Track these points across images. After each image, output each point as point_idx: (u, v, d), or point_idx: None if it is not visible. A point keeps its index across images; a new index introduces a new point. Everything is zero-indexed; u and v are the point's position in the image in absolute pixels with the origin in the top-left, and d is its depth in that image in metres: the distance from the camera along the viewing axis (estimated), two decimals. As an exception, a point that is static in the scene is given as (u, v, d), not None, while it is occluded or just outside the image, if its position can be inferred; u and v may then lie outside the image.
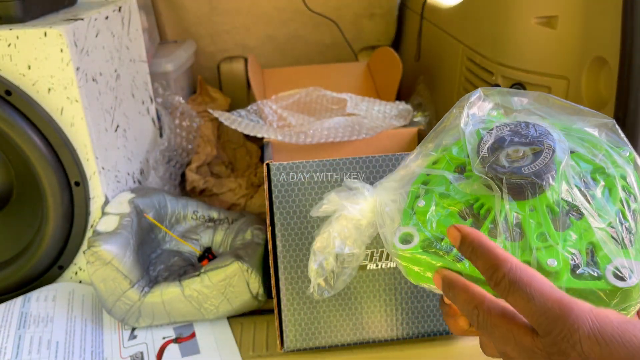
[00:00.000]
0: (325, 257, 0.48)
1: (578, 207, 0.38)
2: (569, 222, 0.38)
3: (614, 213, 0.38)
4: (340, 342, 0.71)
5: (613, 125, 0.43)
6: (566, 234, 0.38)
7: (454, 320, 0.44)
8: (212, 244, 0.90)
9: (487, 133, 0.42)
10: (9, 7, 0.74)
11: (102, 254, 0.73)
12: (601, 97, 0.71)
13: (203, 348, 0.75)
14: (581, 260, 0.37)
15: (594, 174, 0.40)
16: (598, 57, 0.70)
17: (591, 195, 0.39)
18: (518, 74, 0.81)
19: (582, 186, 0.39)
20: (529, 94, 0.46)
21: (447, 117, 0.46)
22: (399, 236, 0.43)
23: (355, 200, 0.47)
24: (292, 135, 0.92)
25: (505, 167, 0.39)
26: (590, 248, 0.38)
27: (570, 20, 0.74)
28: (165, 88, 1.18)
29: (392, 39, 1.49)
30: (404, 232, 0.43)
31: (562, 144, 0.40)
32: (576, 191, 0.39)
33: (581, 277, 0.37)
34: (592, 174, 0.40)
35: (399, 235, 0.43)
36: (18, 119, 0.74)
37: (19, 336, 0.72)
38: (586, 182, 0.40)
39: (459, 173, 0.44)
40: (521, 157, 0.39)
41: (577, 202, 0.38)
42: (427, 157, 0.46)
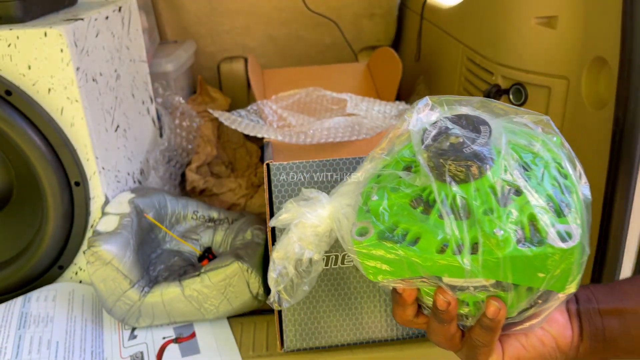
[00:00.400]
0: (284, 266, 0.49)
1: (518, 186, 0.41)
2: (510, 199, 0.41)
3: (550, 190, 0.42)
4: (340, 342, 0.71)
5: (548, 121, 0.47)
6: (508, 210, 0.41)
7: (402, 309, 0.47)
8: (212, 244, 0.90)
9: (431, 126, 0.45)
10: (9, 7, 0.74)
11: (102, 254, 0.73)
12: (601, 97, 0.71)
13: (203, 348, 0.75)
14: (523, 234, 0.40)
15: (533, 159, 0.44)
16: (598, 57, 0.70)
17: (528, 176, 0.42)
18: (518, 74, 0.81)
19: (520, 169, 0.42)
20: (473, 99, 0.49)
21: (398, 124, 0.48)
22: (355, 231, 0.45)
23: (313, 208, 0.48)
24: (292, 135, 0.92)
25: (448, 151, 0.42)
26: (531, 221, 0.41)
27: (570, 20, 0.74)
28: (165, 88, 1.18)
29: (392, 39, 1.49)
30: (360, 227, 0.45)
31: (499, 129, 0.44)
32: (516, 172, 0.42)
33: (526, 244, 0.40)
34: (531, 160, 0.44)
35: (355, 230, 0.45)
36: (18, 119, 0.74)
37: (19, 336, 0.72)
38: (524, 166, 0.43)
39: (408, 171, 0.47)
40: (462, 142, 0.42)
41: (516, 182, 0.41)
42: (379, 161, 0.48)
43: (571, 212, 0.41)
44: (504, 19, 0.84)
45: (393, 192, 0.45)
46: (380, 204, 0.45)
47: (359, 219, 0.46)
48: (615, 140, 0.66)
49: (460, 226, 0.41)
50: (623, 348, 0.45)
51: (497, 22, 0.86)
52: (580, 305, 0.47)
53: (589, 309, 0.46)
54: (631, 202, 0.67)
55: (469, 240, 0.41)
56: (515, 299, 0.43)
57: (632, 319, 0.45)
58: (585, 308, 0.47)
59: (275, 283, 0.49)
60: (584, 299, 0.47)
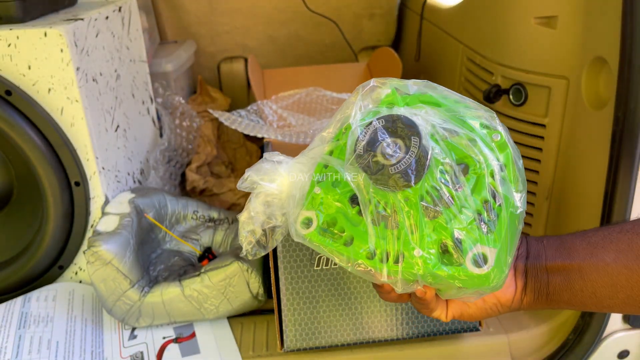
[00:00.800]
0: (252, 229, 0.51)
1: (445, 202, 0.44)
2: (437, 212, 0.44)
3: (475, 207, 0.44)
4: (340, 342, 0.71)
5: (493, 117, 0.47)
6: (434, 223, 0.44)
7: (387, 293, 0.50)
8: (212, 243, 0.90)
9: (364, 130, 0.46)
10: (9, 7, 0.74)
11: (102, 254, 0.73)
12: (601, 97, 0.71)
13: (203, 348, 0.75)
14: (442, 254, 0.44)
15: (467, 167, 0.45)
16: (598, 57, 0.70)
17: (456, 190, 0.44)
18: (518, 74, 0.81)
19: (449, 180, 0.44)
20: (419, 82, 0.50)
21: (346, 104, 0.50)
22: (300, 220, 0.48)
23: (272, 177, 0.50)
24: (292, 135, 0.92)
25: (373, 169, 0.44)
26: (452, 239, 0.44)
27: (570, 20, 0.74)
28: (166, 88, 1.18)
29: (392, 39, 1.49)
30: (305, 217, 0.48)
31: (428, 140, 0.45)
32: (443, 187, 0.44)
33: (448, 263, 0.44)
34: (463, 167, 0.45)
35: (301, 219, 0.48)
36: (18, 119, 0.74)
37: (19, 336, 0.72)
38: (454, 176, 0.44)
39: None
40: (392, 153, 0.44)
41: (443, 197, 0.44)
42: (327, 144, 0.50)
43: (493, 232, 0.44)
44: (504, 19, 0.84)
45: (333, 189, 0.48)
46: (322, 199, 0.48)
47: (306, 207, 0.48)
48: (615, 140, 0.66)
49: (390, 237, 0.44)
50: (566, 300, 0.49)
51: (497, 22, 0.86)
52: (529, 262, 0.50)
53: (536, 265, 0.49)
54: (631, 202, 0.67)
55: (394, 251, 0.44)
56: (444, 289, 0.46)
57: (575, 275, 0.48)
58: (532, 264, 0.50)
59: (246, 240, 0.51)
60: (534, 254, 0.50)
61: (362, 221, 0.46)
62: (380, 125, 0.45)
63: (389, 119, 0.45)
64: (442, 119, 0.47)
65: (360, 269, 0.46)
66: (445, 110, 0.47)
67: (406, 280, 0.45)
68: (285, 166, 0.50)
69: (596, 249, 0.48)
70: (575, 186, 0.76)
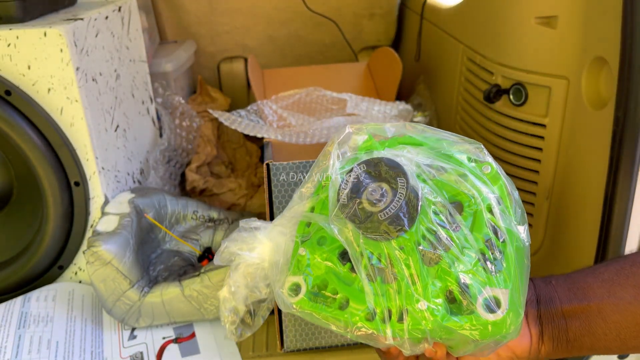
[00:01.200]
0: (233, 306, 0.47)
1: (444, 244, 0.40)
2: (438, 257, 0.40)
3: (480, 243, 0.40)
4: (340, 342, 0.71)
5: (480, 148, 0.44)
6: (436, 269, 0.40)
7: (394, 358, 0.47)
8: (212, 244, 0.90)
9: (345, 178, 0.42)
10: (9, 7, 0.74)
11: (102, 254, 0.73)
12: (601, 97, 0.71)
13: (203, 348, 0.75)
14: (449, 303, 0.40)
15: (461, 205, 0.41)
16: (598, 57, 0.70)
17: (454, 230, 0.40)
18: (518, 74, 0.81)
19: (445, 221, 0.40)
20: (398, 125, 0.47)
21: (322, 156, 0.46)
22: (287, 287, 0.44)
23: (251, 245, 0.46)
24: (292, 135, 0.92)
25: (361, 218, 0.40)
26: (458, 286, 0.39)
27: (570, 20, 0.74)
28: (165, 88, 1.18)
29: (392, 39, 1.49)
30: (292, 282, 0.44)
31: (416, 180, 0.41)
32: (439, 228, 0.40)
33: (457, 312, 0.39)
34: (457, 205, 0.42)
35: (287, 286, 0.44)
36: (18, 119, 0.74)
37: (19, 336, 0.72)
38: (449, 216, 0.41)
39: None
40: (379, 197, 0.40)
41: (442, 239, 0.40)
42: (307, 200, 0.46)
43: (502, 272, 0.40)
44: (504, 19, 0.84)
45: (319, 247, 0.43)
46: (309, 260, 0.43)
47: (292, 272, 0.44)
48: (616, 140, 0.66)
49: (387, 292, 0.40)
50: (588, 346, 0.44)
51: (497, 22, 0.86)
52: (542, 307, 0.46)
53: (551, 311, 0.45)
54: (631, 203, 0.67)
55: (397, 307, 0.40)
56: (455, 344, 0.42)
57: (596, 317, 0.44)
58: (546, 309, 0.45)
59: (229, 321, 0.48)
60: (546, 298, 0.46)
61: (356, 279, 0.42)
62: (362, 170, 0.42)
63: (371, 162, 0.42)
64: (427, 156, 0.43)
65: (361, 334, 0.41)
66: (428, 149, 0.44)
67: (413, 339, 0.40)
68: (264, 232, 0.46)
69: (613, 286, 0.44)
70: (575, 186, 0.76)
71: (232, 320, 0.47)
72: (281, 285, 0.44)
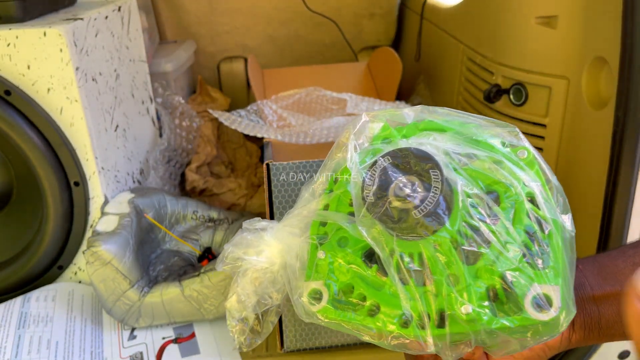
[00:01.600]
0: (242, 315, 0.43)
1: (485, 238, 0.36)
2: (478, 254, 0.36)
3: (524, 235, 0.36)
4: (340, 342, 0.71)
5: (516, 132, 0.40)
6: (476, 268, 0.36)
7: None
8: (212, 244, 0.90)
9: (370, 172, 0.38)
10: (9, 7, 0.74)
11: (102, 254, 0.73)
12: (601, 97, 0.71)
13: (203, 348, 0.74)
14: (494, 304, 0.36)
15: (500, 196, 0.38)
16: (598, 57, 0.70)
17: (494, 224, 0.36)
18: (518, 73, 0.81)
19: (484, 214, 0.36)
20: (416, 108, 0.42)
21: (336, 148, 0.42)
22: (307, 294, 0.39)
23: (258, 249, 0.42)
24: (292, 135, 0.92)
25: (395, 218, 0.36)
26: (503, 284, 0.35)
27: (571, 20, 0.74)
28: (165, 88, 1.18)
29: (392, 38, 1.49)
30: (312, 289, 0.39)
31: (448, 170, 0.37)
32: (480, 222, 0.36)
33: (503, 312, 0.35)
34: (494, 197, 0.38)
35: (306, 293, 0.39)
36: (18, 119, 0.74)
37: (19, 336, 0.72)
38: (488, 208, 0.37)
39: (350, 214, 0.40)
40: (411, 193, 0.36)
41: (483, 234, 0.36)
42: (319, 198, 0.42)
43: (549, 266, 0.36)
44: (504, 19, 0.84)
45: (341, 249, 0.39)
46: (330, 264, 0.39)
47: (309, 277, 0.39)
48: (616, 140, 0.66)
49: (425, 296, 0.36)
50: (620, 333, 0.42)
51: (498, 22, 0.86)
52: None
53: (583, 297, 0.42)
54: (632, 203, 0.67)
55: (434, 311, 0.36)
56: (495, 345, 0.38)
57: None
58: (578, 297, 0.42)
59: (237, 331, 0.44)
60: (576, 284, 0.43)
61: (387, 282, 0.37)
62: (387, 163, 0.37)
63: (397, 154, 0.37)
64: (455, 143, 0.39)
65: (397, 343, 0.37)
66: (455, 134, 0.40)
67: (454, 344, 0.36)
68: (271, 232, 0.42)
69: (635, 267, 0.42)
70: (575, 186, 0.76)
71: (242, 330, 0.43)
72: (300, 293, 0.40)
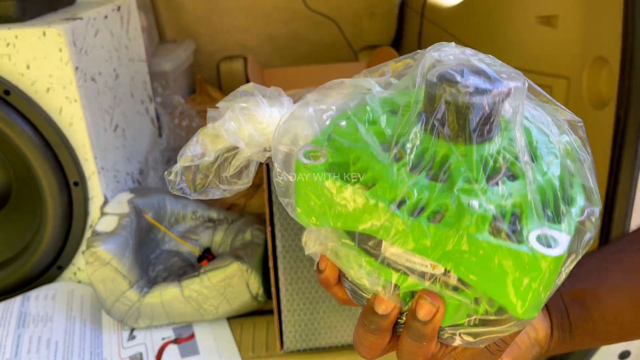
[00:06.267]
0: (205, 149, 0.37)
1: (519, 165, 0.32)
2: (503, 179, 0.32)
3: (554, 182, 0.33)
4: (340, 342, 0.71)
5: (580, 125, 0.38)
6: (495, 189, 0.31)
7: (332, 289, 0.37)
8: (211, 244, 0.89)
9: (442, 65, 0.34)
10: (8, 6, 0.74)
11: (101, 255, 0.73)
12: (602, 97, 0.70)
13: (202, 349, 0.74)
14: (502, 222, 0.31)
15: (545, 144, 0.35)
16: (599, 56, 0.70)
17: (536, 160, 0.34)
18: (518, 73, 0.81)
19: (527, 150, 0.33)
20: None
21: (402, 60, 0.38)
22: (302, 152, 0.34)
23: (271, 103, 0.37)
24: (292, 135, 0.91)
25: (453, 94, 0.31)
26: (516, 212, 0.31)
27: (571, 19, 0.73)
28: (165, 88, 1.17)
29: (393, 38, 1.49)
30: (310, 150, 0.34)
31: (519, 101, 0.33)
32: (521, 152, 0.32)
33: (501, 236, 0.30)
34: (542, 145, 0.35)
35: (303, 151, 0.34)
36: (17, 119, 0.74)
37: (18, 335, 0.72)
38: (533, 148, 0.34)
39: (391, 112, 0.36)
40: (472, 92, 0.31)
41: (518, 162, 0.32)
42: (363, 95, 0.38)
43: (566, 219, 0.32)
44: (504, 18, 0.84)
45: (365, 125, 0.35)
46: (346, 132, 0.35)
47: (313, 141, 0.35)
48: (617, 139, 0.66)
49: (432, 188, 0.31)
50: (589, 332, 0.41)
51: (498, 21, 0.86)
52: None
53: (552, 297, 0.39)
54: (632, 202, 0.67)
55: (434, 205, 0.31)
56: (457, 307, 0.33)
57: (593, 302, 0.41)
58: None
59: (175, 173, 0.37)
60: None
61: (395, 165, 0.32)
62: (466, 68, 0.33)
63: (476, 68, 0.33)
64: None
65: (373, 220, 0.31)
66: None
67: (419, 250, 0.31)
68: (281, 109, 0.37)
69: (600, 272, 0.42)
70: (576, 186, 0.76)
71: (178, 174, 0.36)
72: (296, 149, 0.35)
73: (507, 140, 0.33)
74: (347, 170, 0.34)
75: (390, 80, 0.40)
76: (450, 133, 0.32)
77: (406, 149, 0.32)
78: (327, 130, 0.36)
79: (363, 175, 0.33)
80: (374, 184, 0.32)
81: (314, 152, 0.34)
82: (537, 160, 0.34)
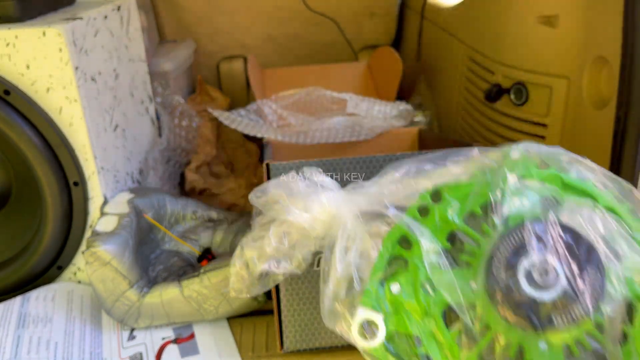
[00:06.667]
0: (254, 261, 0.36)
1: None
2: None
3: None
4: (340, 343, 0.71)
5: None
6: None
7: None
8: (211, 244, 0.89)
9: (510, 234, 0.30)
10: (7, 6, 0.74)
11: (101, 255, 0.73)
12: (602, 97, 0.70)
13: (202, 349, 0.74)
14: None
15: (630, 307, 0.31)
16: (599, 56, 0.70)
17: None
18: (519, 73, 0.81)
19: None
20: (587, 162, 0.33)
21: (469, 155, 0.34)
22: (359, 322, 0.33)
23: (308, 204, 0.34)
24: (292, 135, 0.91)
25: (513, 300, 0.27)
26: None
27: (571, 19, 0.73)
28: (165, 87, 1.17)
29: (393, 38, 1.49)
30: (366, 319, 0.33)
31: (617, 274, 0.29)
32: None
33: None
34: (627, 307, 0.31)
35: (359, 321, 0.32)
36: (17, 119, 0.74)
37: (18, 336, 0.72)
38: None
39: (450, 242, 0.32)
40: (546, 279, 0.29)
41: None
42: (416, 192, 0.34)
43: None
44: (505, 18, 0.84)
45: (422, 292, 0.31)
46: (404, 303, 0.32)
47: (365, 301, 0.32)
48: (617, 140, 0.66)
49: None
50: None
51: (498, 21, 0.86)
52: None
53: None
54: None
55: None
56: None
57: None
58: None
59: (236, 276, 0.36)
60: None
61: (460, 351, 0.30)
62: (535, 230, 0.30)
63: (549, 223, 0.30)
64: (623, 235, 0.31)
65: None
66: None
67: None
68: (330, 195, 0.34)
69: None
70: (576, 186, 0.76)
71: (241, 276, 0.35)
72: (350, 312, 0.32)
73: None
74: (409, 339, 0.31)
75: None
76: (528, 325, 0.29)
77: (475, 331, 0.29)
78: (374, 284, 0.32)
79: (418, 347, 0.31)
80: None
81: (369, 323, 0.32)
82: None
